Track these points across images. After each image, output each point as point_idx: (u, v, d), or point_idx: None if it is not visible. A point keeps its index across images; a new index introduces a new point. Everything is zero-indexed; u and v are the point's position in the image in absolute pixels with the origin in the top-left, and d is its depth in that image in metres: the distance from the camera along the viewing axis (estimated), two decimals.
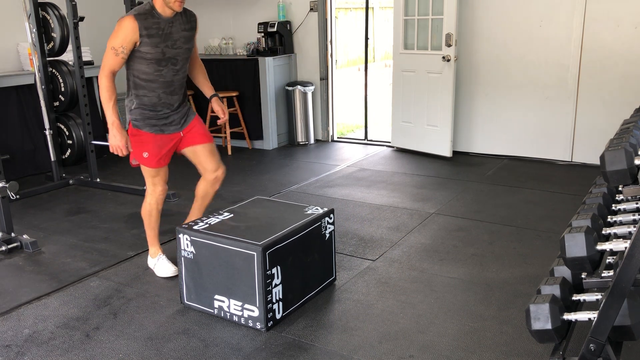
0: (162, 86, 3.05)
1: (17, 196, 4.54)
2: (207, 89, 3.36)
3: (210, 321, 2.80)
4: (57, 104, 5.14)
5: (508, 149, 5.79)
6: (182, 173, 5.63)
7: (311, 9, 6.46)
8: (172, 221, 4.20)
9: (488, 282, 3.14)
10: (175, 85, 3.10)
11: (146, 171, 3.21)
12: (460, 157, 5.84)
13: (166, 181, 3.29)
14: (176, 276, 3.22)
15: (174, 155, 3.28)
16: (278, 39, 6.48)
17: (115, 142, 3.01)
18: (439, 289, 3.08)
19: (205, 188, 3.35)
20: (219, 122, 3.43)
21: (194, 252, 2.82)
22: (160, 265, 3.33)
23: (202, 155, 3.26)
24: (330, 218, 3.05)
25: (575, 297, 1.99)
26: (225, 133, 6.38)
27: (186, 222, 3.29)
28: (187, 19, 3.08)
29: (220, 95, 6.16)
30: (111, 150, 3.05)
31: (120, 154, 3.05)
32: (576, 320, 1.86)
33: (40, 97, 5.00)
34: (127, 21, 2.89)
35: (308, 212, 3.01)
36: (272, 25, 6.40)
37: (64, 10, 4.89)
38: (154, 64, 2.98)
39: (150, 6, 2.94)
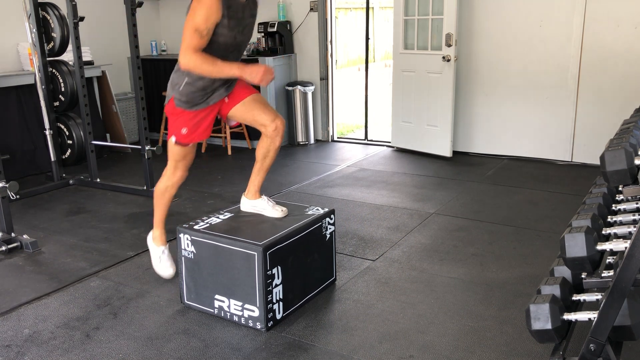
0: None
1: (17, 196, 4.54)
2: None
3: (211, 321, 2.80)
4: (57, 104, 5.14)
5: (508, 149, 5.79)
6: None
7: (311, 9, 6.47)
8: (172, 221, 4.20)
9: (488, 282, 3.14)
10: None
11: (174, 152, 2.99)
12: (460, 157, 5.84)
13: (188, 168, 3.10)
14: (174, 277, 3.21)
15: None
16: (278, 39, 6.48)
17: (259, 75, 2.63)
18: (439, 289, 3.08)
19: (266, 146, 2.99)
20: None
21: (195, 251, 2.82)
22: (163, 262, 3.22)
23: (254, 108, 2.93)
24: (331, 218, 3.05)
25: (575, 297, 1.99)
26: (225, 133, 6.38)
27: (248, 188, 3.10)
28: (254, 5, 2.88)
29: None
30: (265, 84, 2.68)
31: (272, 77, 2.68)
32: (576, 320, 1.86)
33: (40, 97, 5.00)
34: None
35: (309, 213, 3.01)
36: (272, 25, 6.40)
37: (64, 10, 4.89)
38: (222, 50, 2.72)
39: None
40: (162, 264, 3.25)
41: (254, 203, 3.08)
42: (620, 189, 2.35)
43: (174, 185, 3.11)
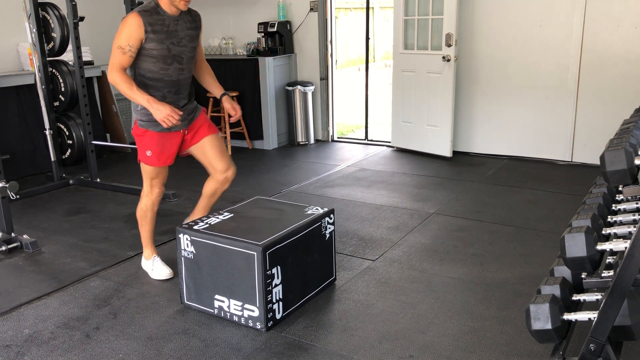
0: (168, 85, 3.03)
1: (17, 196, 4.54)
2: (216, 90, 3.32)
3: (210, 321, 2.80)
4: (57, 104, 5.14)
5: (508, 149, 5.79)
6: (182, 173, 5.64)
7: (311, 9, 6.46)
8: (172, 221, 4.21)
9: (488, 282, 3.14)
10: (181, 84, 3.10)
11: (146, 171, 3.20)
12: (460, 157, 5.84)
13: (164, 183, 3.28)
14: (174, 277, 3.22)
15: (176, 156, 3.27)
16: (278, 39, 6.48)
17: (163, 113, 2.85)
18: (439, 289, 3.08)
19: (213, 187, 3.30)
20: (231, 119, 3.31)
21: (194, 252, 2.82)
22: (156, 268, 3.32)
23: (210, 154, 3.21)
24: (331, 218, 3.05)
25: (575, 297, 1.99)
26: (225, 133, 6.38)
27: (188, 220, 3.29)
28: (192, 18, 3.09)
29: None
30: (166, 125, 2.90)
31: (174, 121, 2.89)
32: (576, 320, 1.86)
33: (40, 97, 5.00)
34: (132, 18, 2.87)
35: (308, 212, 3.01)
36: (272, 25, 6.40)
37: (64, 10, 4.89)
38: (160, 61, 2.96)
39: (155, 3, 2.93)
40: (156, 270, 3.34)
41: None
42: (620, 189, 2.35)
43: (153, 203, 3.28)
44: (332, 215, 3.06)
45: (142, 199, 3.29)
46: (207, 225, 2.87)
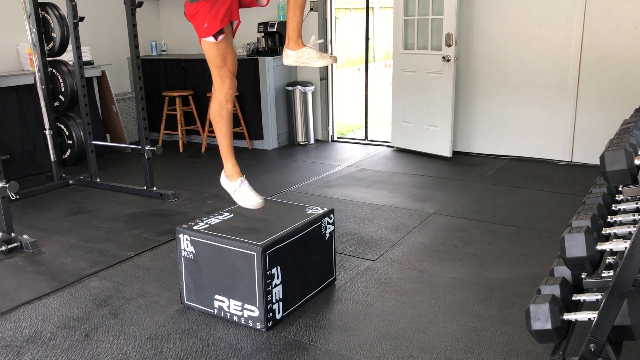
0: None
1: (17, 196, 4.54)
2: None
3: (210, 321, 2.80)
4: (57, 104, 5.14)
5: (508, 149, 5.79)
6: (182, 173, 5.65)
7: (311, 9, 6.46)
8: (172, 221, 4.21)
9: (488, 282, 3.14)
10: None
11: (211, 56, 2.79)
12: (460, 157, 5.84)
13: (234, 74, 2.84)
14: (174, 277, 3.22)
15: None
16: (278, 39, 6.48)
17: None
18: (439, 289, 3.08)
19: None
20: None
21: (194, 252, 2.82)
22: (244, 193, 2.90)
23: None
24: (330, 218, 3.05)
25: (575, 297, 1.99)
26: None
27: (287, 37, 2.84)
28: None
29: None
30: None
31: None
32: (576, 320, 1.86)
33: (40, 97, 5.00)
34: None
35: (308, 212, 3.01)
36: (272, 25, 6.40)
37: (64, 10, 4.89)
38: None
39: None
40: (243, 195, 2.92)
41: (298, 53, 2.80)
42: (620, 189, 2.35)
43: (227, 99, 2.83)
44: (332, 216, 3.06)
45: (214, 96, 2.86)
46: (207, 225, 2.87)
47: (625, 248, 1.70)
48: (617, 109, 5.08)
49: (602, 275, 1.86)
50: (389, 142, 6.39)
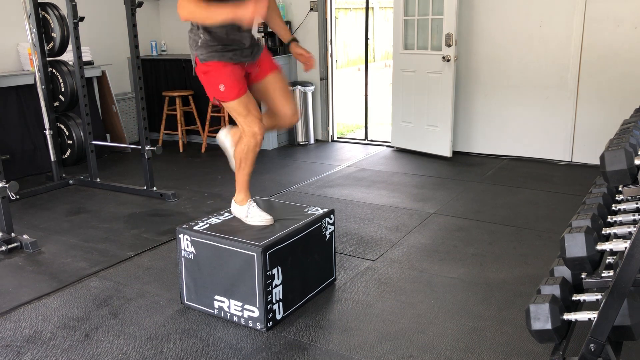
0: (231, 24, 2.71)
1: (17, 196, 4.54)
2: (283, 32, 3.08)
3: (210, 321, 2.80)
4: (57, 104, 5.14)
5: (508, 149, 5.79)
6: (182, 173, 5.65)
7: (311, 9, 6.46)
8: (172, 221, 4.21)
9: (488, 282, 3.14)
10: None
11: (233, 108, 2.84)
12: (460, 157, 5.84)
13: (261, 119, 2.87)
14: (174, 277, 3.21)
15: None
16: (278, 39, 6.48)
17: (249, 9, 2.49)
18: (439, 289, 3.08)
19: (274, 124, 3.03)
20: (305, 68, 3.01)
21: (194, 252, 2.82)
22: (253, 213, 2.96)
23: (275, 93, 2.95)
24: (331, 218, 3.05)
25: (575, 297, 1.99)
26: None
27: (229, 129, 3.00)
28: None
29: None
30: (253, 16, 2.52)
31: (262, 11, 2.54)
32: (576, 320, 1.86)
33: (40, 97, 5.00)
34: None
35: (308, 213, 3.01)
36: None
37: (64, 10, 4.89)
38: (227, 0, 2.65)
39: None
40: (253, 215, 2.97)
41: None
42: (620, 189, 2.35)
43: (257, 144, 2.90)
44: (332, 216, 3.06)
45: (243, 139, 2.89)
46: (207, 225, 2.87)
47: (625, 248, 1.70)
48: (617, 109, 5.09)
49: (602, 275, 1.86)
50: (389, 142, 6.39)
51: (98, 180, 5.17)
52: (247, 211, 2.98)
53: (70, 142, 5.19)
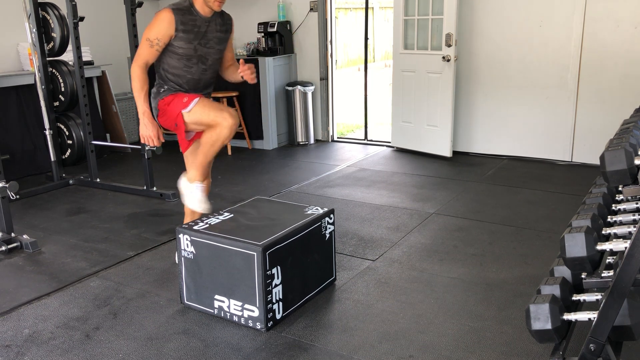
0: (190, 82, 3.10)
1: (17, 196, 4.54)
2: (236, 76, 3.32)
3: (210, 321, 2.80)
4: (57, 104, 5.14)
5: (508, 149, 5.79)
6: (182, 173, 5.64)
7: (311, 9, 6.47)
8: (172, 221, 4.21)
9: (488, 282, 3.14)
10: (202, 83, 3.16)
11: (205, 106, 3.04)
12: (460, 157, 5.84)
13: (231, 113, 3.04)
14: (174, 277, 3.21)
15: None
16: (278, 39, 6.48)
17: (147, 132, 3.01)
18: (439, 289, 3.08)
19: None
20: (247, 77, 3.15)
21: (194, 252, 2.82)
22: (195, 195, 3.17)
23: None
24: (331, 218, 3.05)
25: (575, 297, 1.99)
26: None
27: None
28: (223, 21, 3.14)
29: (220, 95, 6.17)
30: (142, 141, 3.05)
31: (151, 144, 3.06)
32: (576, 320, 1.86)
33: (40, 97, 5.00)
34: (165, 14, 2.91)
35: (308, 212, 3.01)
36: (272, 25, 6.40)
37: (64, 10, 4.89)
38: (184, 59, 3.03)
39: (189, 3, 2.99)
40: (193, 197, 3.17)
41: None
42: (620, 189, 2.35)
43: (231, 133, 3.04)
44: (332, 216, 3.06)
45: (216, 129, 3.01)
46: (207, 225, 2.87)
47: (625, 248, 1.70)
48: (617, 109, 5.08)
49: (602, 275, 1.86)
50: (389, 142, 6.39)
51: (98, 180, 5.17)
52: (191, 190, 3.18)
53: (70, 142, 5.19)
